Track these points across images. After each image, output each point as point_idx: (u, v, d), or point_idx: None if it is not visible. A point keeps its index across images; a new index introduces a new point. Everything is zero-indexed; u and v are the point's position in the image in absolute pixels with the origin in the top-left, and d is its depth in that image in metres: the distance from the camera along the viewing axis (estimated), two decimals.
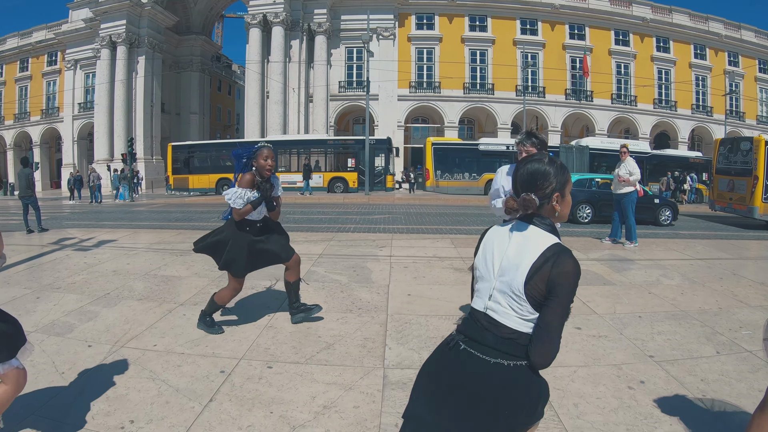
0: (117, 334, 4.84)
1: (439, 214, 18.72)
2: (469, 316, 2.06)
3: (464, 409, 1.89)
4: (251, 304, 5.89)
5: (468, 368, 1.93)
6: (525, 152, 4.30)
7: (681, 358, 4.46)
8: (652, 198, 17.26)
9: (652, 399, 3.64)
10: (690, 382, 3.93)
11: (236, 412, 3.37)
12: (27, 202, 13.48)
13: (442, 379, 1.98)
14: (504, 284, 1.92)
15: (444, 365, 2.01)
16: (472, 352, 1.93)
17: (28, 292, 6.39)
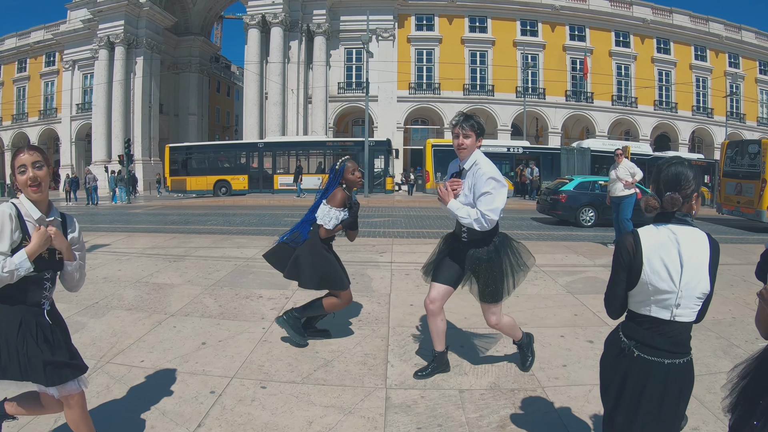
0: (103, 348, 4.56)
1: (440, 217, 18.47)
2: (634, 323, 2.23)
3: (655, 410, 2.13)
4: (245, 315, 5.62)
5: (649, 373, 2.13)
6: (462, 135, 3.91)
7: (699, 374, 4.15)
8: None
9: None
10: (710, 401, 3.68)
11: None
12: None
13: (626, 386, 2.17)
14: (691, 289, 2.09)
15: (623, 373, 2.19)
16: (649, 358, 2.14)
17: None
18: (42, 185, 2.55)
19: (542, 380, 4.03)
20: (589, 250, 10.29)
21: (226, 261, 8.43)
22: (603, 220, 15.86)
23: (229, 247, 9.84)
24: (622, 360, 2.20)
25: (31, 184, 2.51)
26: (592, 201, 16.38)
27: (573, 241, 12.01)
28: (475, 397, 3.72)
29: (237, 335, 4.91)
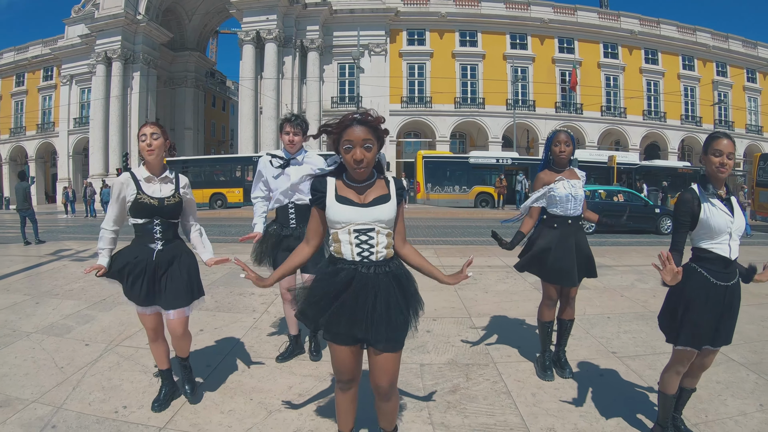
0: (112, 334, 5.18)
1: (428, 226, 19.09)
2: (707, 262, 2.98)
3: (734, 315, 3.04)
4: (239, 308, 6.22)
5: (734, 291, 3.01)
6: (293, 133, 4.41)
7: (643, 354, 4.81)
8: (653, 208, 18.31)
9: (609, 391, 3.98)
10: (649, 375, 4.26)
11: (219, 399, 3.75)
12: (24, 215, 13.80)
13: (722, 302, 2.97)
14: (736, 232, 2.96)
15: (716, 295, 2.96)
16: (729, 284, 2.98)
17: (28, 298, 6.73)
18: (156, 151, 3.44)
19: (495, 357, 4.67)
20: None
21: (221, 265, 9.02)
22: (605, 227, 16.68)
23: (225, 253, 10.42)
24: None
25: (147, 149, 3.39)
26: (593, 209, 17.16)
27: None
28: (433, 370, 4.37)
29: (231, 324, 5.54)
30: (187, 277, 3.53)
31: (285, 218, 4.53)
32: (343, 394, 2.70)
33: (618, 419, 3.51)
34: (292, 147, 4.46)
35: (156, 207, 3.36)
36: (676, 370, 3.09)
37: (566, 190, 4.19)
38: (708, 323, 2.92)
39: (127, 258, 3.40)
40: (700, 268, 2.94)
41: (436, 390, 3.98)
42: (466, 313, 6.10)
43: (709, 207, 2.91)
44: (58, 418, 3.42)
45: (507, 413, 3.57)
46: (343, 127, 2.50)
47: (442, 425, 3.40)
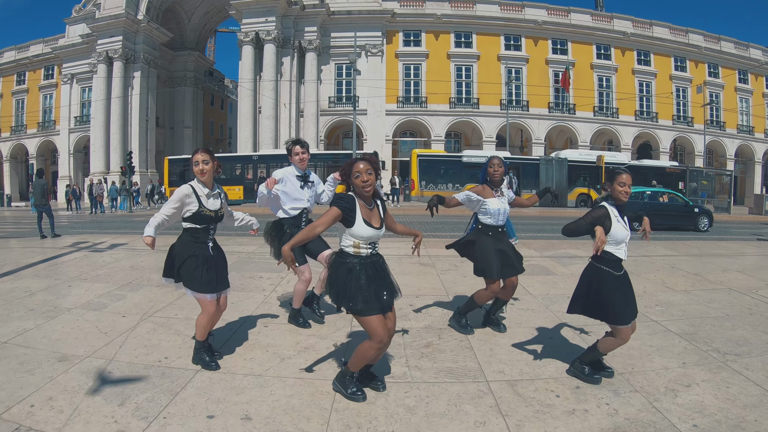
0: (144, 308, 6.11)
1: (420, 222, 19.97)
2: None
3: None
4: (250, 288, 7.15)
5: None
6: (301, 153, 5.44)
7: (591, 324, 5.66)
8: (692, 207, 20.26)
9: (553, 349, 4.92)
10: (591, 340, 5.07)
11: (242, 351, 4.73)
12: (42, 210, 14.66)
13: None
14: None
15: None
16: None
17: (60, 282, 7.61)
18: (207, 174, 4.37)
19: None
20: (541, 245, 11.87)
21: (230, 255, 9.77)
22: (652, 224, 18.00)
23: (232, 245, 11.32)
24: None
25: (200, 174, 4.35)
26: (642, 208, 18.93)
27: (533, 239, 13.51)
28: (413, 331, 5.37)
29: (245, 300, 6.48)
30: (226, 265, 4.62)
31: (298, 223, 5.43)
32: (378, 351, 3.73)
33: (556, 366, 4.47)
34: (303, 164, 5.45)
35: (213, 217, 4.39)
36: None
37: (498, 205, 5.20)
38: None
39: (185, 254, 4.36)
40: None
41: (414, 345, 4.97)
42: (445, 293, 7.08)
43: (615, 222, 4.10)
44: (112, 366, 4.33)
45: (468, 361, 4.55)
46: (352, 164, 3.69)
47: (416, 367, 4.38)
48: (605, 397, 3.85)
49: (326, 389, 3.88)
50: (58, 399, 3.67)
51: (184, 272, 4.32)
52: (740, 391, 3.98)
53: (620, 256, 4.13)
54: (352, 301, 3.59)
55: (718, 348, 4.97)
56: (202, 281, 4.29)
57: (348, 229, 3.66)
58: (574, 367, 4.29)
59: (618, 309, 4.05)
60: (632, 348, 4.91)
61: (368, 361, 3.78)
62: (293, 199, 5.40)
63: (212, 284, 4.33)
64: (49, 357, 4.50)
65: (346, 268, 3.67)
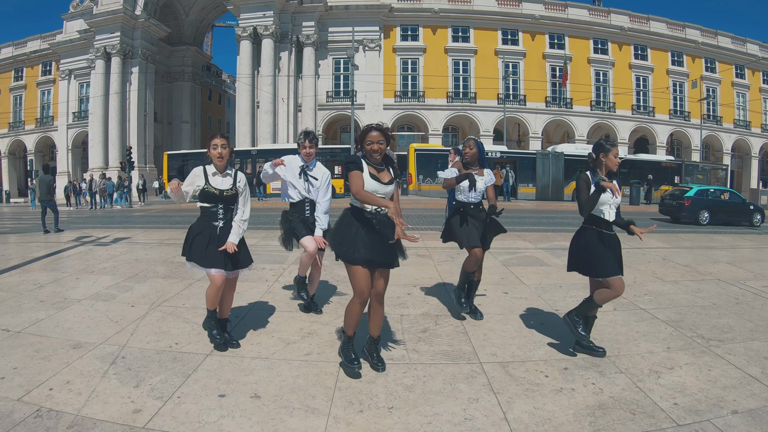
0: (152, 298, 6.33)
1: (418, 216, 20.20)
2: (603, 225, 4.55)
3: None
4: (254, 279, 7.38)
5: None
6: (308, 146, 5.71)
7: None
8: (748, 205, 21.57)
9: (545, 334, 5.16)
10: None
11: (249, 336, 4.99)
12: (46, 206, 14.87)
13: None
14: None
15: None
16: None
17: (67, 275, 7.81)
18: (223, 158, 4.56)
19: None
20: (536, 237, 12.10)
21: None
22: (715, 219, 20.29)
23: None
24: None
25: (218, 157, 4.53)
26: (708, 205, 20.57)
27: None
28: (410, 318, 5.61)
29: (249, 290, 6.71)
30: (242, 247, 4.79)
31: (302, 210, 5.66)
32: (360, 306, 4.03)
33: (547, 349, 4.73)
34: (309, 158, 5.70)
35: (217, 195, 4.54)
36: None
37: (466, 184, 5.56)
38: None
39: (196, 231, 4.63)
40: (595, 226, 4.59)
41: (411, 330, 5.22)
42: (442, 282, 7.30)
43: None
44: (125, 352, 4.56)
45: (462, 345, 4.80)
46: (366, 131, 3.97)
47: (413, 351, 4.64)
48: (591, 377, 4.09)
49: (330, 370, 4.14)
50: (75, 382, 3.89)
51: (193, 249, 4.59)
52: (721, 373, 4.21)
53: (606, 217, 4.53)
54: (340, 247, 3.94)
55: (703, 334, 5.19)
56: (203, 256, 4.54)
57: None
58: (569, 317, 4.62)
59: (604, 262, 4.46)
60: (619, 333, 5.16)
61: (356, 321, 4.10)
62: (291, 185, 5.67)
63: (212, 260, 4.54)
64: (63, 345, 4.71)
65: (348, 218, 4.03)
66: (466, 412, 3.48)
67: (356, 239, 3.89)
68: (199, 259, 4.56)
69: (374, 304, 4.13)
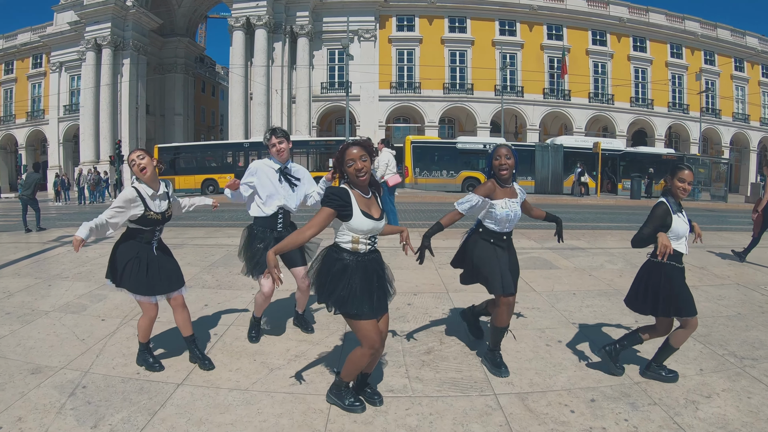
0: (125, 310, 5.75)
1: (415, 210, 19.70)
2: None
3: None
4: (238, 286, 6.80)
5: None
6: (278, 142, 4.75)
7: (600, 324, 5.43)
8: None
9: (564, 353, 4.60)
10: (601, 342, 4.78)
11: (227, 360, 4.37)
12: (27, 203, 14.28)
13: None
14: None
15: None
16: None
17: (40, 281, 7.26)
18: (147, 170, 4.07)
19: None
20: (540, 236, 11.56)
21: (219, 248, 9.64)
22: None
23: (221, 237, 11.01)
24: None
25: (140, 171, 4.05)
26: None
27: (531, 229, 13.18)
28: (412, 335, 4.98)
29: (232, 299, 6.13)
30: (176, 265, 4.44)
31: (274, 224, 4.73)
32: (371, 358, 3.42)
33: (569, 375, 4.15)
34: (282, 156, 4.80)
35: (160, 220, 4.18)
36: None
37: (504, 209, 4.20)
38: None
39: (128, 255, 4.15)
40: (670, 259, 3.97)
41: (414, 351, 4.62)
42: (444, 289, 6.72)
43: (676, 218, 3.98)
44: (87, 380, 3.99)
45: (473, 370, 4.21)
46: (343, 150, 3.33)
47: (417, 378, 4.04)
48: (623, 411, 3.53)
49: (319, 406, 3.54)
50: (27, 420, 3.36)
51: (126, 275, 4.10)
52: (762, 401, 3.71)
53: (681, 250, 4.05)
54: (343, 304, 3.28)
55: (734, 351, 4.70)
56: (142, 284, 4.11)
57: (345, 224, 3.30)
58: (650, 371, 4.16)
59: (687, 300, 4.00)
60: (647, 353, 4.62)
61: (362, 370, 3.48)
62: (267, 195, 4.71)
63: (152, 287, 4.14)
64: (21, 369, 4.19)
65: (341, 266, 3.33)
66: None
67: (356, 290, 3.30)
68: (136, 287, 4.11)
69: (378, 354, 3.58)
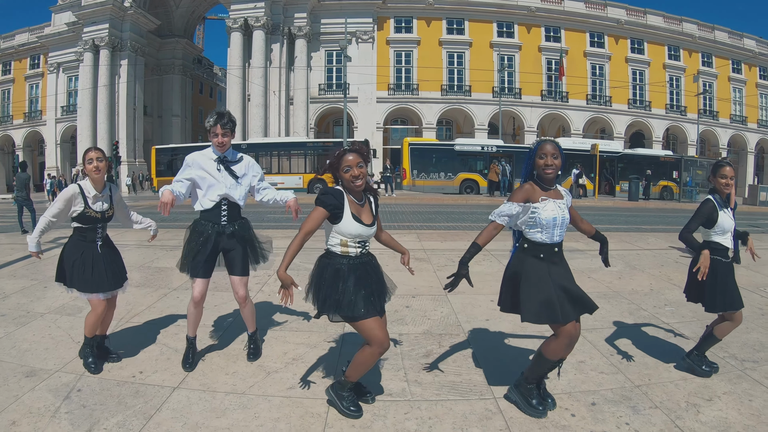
0: (121, 312, 5.68)
1: (413, 212, 19.65)
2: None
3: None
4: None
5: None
6: (221, 134, 4.24)
7: (600, 327, 5.39)
8: None
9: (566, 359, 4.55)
10: (602, 345, 4.87)
11: (224, 363, 4.33)
12: (23, 204, 14.21)
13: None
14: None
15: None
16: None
17: (35, 283, 7.21)
18: (101, 172, 4.20)
19: (466, 329, 5.27)
20: None
21: None
22: None
23: None
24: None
25: (95, 171, 4.16)
26: None
27: None
28: (410, 338, 4.98)
29: (229, 302, 6.05)
30: (122, 264, 4.62)
31: (217, 216, 4.33)
32: (379, 357, 3.41)
33: (569, 377, 4.11)
34: (223, 148, 4.33)
35: (99, 219, 4.27)
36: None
37: (554, 212, 3.47)
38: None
39: (73, 257, 4.30)
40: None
41: (412, 355, 4.59)
42: (443, 292, 6.65)
43: (722, 214, 4.16)
44: (81, 383, 3.94)
45: (472, 374, 4.17)
46: (340, 156, 3.33)
47: (416, 382, 4.00)
48: (624, 415, 3.50)
49: (317, 410, 3.50)
50: (21, 424, 3.31)
51: (73, 275, 4.26)
52: (764, 404, 3.69)
53: (727, 245, 4.21)
54: (339, 307, 3.24)
55: (735, 354, 4.67)
56: (88, 282, 4.23)
57: (334, 226, 3.30)
58: (690, 359, 4.29)
59: (735, 294, 4.16)
60: (647, 356, 4.61)
61: (369, 369, 3.46)
62: (207, 185, 4.27)
63: (99, 284, 4.26)
64: (16, 372, 4.15)
65: (332, 270, 3.30)
66: None
67: (350, 291, 3.27)
68: (82, 285, 4.23)
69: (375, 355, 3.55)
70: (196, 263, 4.24)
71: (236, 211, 4.42)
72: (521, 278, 3.52)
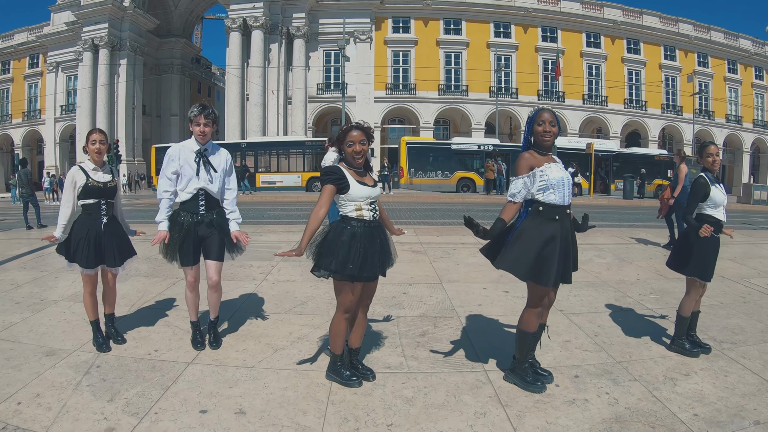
0: (133, 299, 5.99)
1: (410, 210, 19.91)
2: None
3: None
4: (240, 277, 7.05)
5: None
6: (203, 124, 4.36)
7: (586, 312, 5.69)
8: None
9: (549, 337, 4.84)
10: (588, 327, 5.17)
11: (234, 342, 4.64)
12: (27, 200, 14.46)
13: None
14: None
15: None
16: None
17: (46, 274, 7.46)
18: (101, 153, 4.48)
19: (460, 313, 5.56)
20: None
21: None
22: None
23: None
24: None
25: (97, 153, 4.45)
26: None
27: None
28: (407, 320, 5.28)
29: (235, 289, 6.37)
30: (128, 240, 4.84)
31: (195, 206, 4.45)
32: (347, 323, 3.74)
33: (554, 355, 4.42)
34: (204, 138, 4.45)
35: (102, 188, 4.45)
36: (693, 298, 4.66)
37: (560, 173, 3.62)
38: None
39: (79, 235, 4.45)
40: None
41: (409, 334, 4.90)
42: (438, 280, 6.99)
43: (714, 189, 4.51)
44: (100, 360, 4.22)
45: (465, 350, 4.48)
46: (346, 131, 3.61)
47: (412, 357, 4.32)
48: (604, 386, 3.79)
49: (322, 381, 3.80)
50: (45, 395, 3.56)
51: (77, 250, 4.43)
52: (738, 379, 3.96)
53: (719, 217, 4.57)
54: (343, 266, 3.52)
55: (714, 336, 4.94)
56: (91, 258, 4.43)
57: (344, 196, 3.58)
58: (675, 345, 4.60)
59: (710, 267, 4.58)
60: (629, 337, 4.89)
61: (344, 338, 3.77)
62: (188, 178, 4.41)
63: (93, 259, 4.45)
64: (36, 352, 4.39)
65: (349, 233, 3.57)
66: (473, 429, 3.17)
67: (349, 251, 3.52)
68: (84, 261, 4.44)
69: (361, 315, 3.89)
70: (184, 252, 4.43)
71: (214, 202, 4.55)
72: (526, 232, 3.61)
